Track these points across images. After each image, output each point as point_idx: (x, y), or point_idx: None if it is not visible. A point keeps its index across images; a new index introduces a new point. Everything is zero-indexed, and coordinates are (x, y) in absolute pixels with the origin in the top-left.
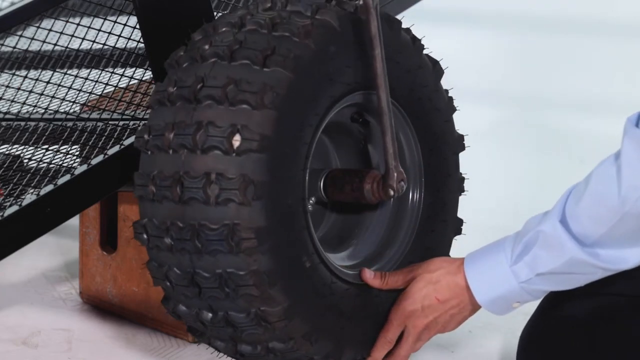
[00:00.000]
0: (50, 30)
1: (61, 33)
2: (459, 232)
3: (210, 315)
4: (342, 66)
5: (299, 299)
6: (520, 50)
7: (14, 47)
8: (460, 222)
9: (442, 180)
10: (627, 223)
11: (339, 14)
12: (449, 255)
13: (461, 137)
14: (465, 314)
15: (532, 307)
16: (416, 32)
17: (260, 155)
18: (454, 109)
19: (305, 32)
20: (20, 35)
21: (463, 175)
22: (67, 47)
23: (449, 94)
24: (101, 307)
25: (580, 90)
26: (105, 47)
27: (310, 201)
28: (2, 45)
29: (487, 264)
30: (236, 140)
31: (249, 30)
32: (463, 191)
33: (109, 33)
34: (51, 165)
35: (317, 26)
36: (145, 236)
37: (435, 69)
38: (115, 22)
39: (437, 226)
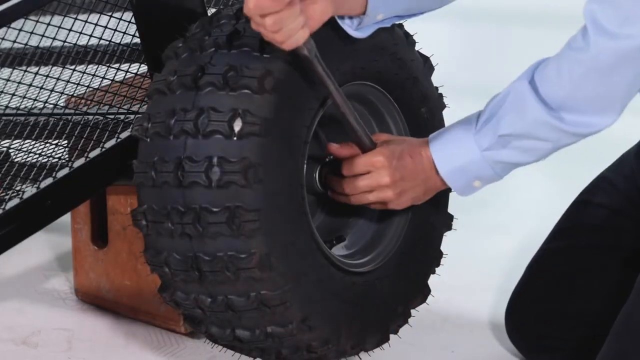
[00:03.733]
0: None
1: (67, 31)
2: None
3: (209, 299)
4: None
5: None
6: (519, 49)
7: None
8: None
9: None
10: (590, 80)
11: None
12: (450, 215)
13: (440, 96)
14: (430, 185)
15: None
16: (410, 29)
17: (262, 138)
18: (432, 70)
19: None
20: (20, 29)
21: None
22: (74, 43)
23: (425, 56)
24: (96, 303)
25: None
26: (101, 41)
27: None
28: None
29: (451, 135)
30: (237, 124)
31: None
32: None
33: (107, 28)
34: (45, 160)
35: None
36: (144, 222)
37: (409, 41)
38: (111, 16)
39: None
